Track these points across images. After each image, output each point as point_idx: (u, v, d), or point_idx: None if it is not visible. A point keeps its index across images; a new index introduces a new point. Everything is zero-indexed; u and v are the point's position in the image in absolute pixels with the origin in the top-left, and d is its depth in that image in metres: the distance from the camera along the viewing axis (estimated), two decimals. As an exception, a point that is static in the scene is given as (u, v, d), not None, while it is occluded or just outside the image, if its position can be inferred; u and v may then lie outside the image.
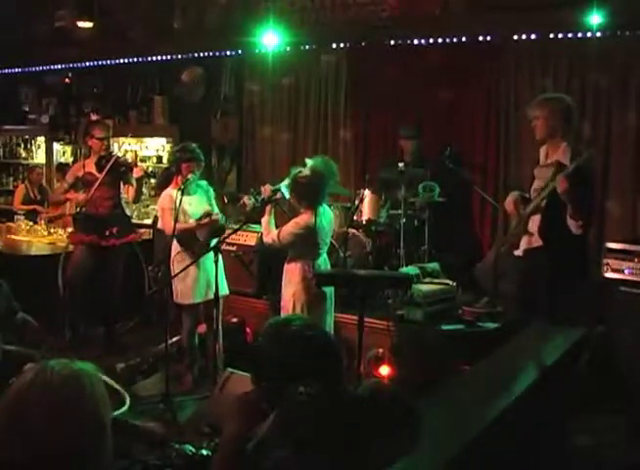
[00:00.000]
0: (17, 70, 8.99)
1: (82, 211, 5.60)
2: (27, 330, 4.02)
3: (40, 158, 8.94)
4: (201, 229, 4.76)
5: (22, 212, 7.67)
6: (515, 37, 5.74)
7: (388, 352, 4.65)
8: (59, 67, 8.59)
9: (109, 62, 7.97)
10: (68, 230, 6.41)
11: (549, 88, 5.52)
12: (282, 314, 4.19)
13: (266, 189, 4.54)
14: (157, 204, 5.33)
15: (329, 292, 4.39)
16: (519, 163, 5.80)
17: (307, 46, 6.83)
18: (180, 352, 5.02)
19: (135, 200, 5.82)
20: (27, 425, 1.36)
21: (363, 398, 1.95)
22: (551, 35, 5.58)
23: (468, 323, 4.71)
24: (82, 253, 5.61)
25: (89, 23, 7.17)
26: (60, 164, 8.44)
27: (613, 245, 4.60)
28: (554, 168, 3.92)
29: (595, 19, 5.10)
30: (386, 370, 4.57)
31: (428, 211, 5.50)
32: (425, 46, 6.15)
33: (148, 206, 7.57)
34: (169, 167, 5.22)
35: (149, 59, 7.71)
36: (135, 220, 6.93)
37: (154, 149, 7.86)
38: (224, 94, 7.44)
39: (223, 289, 4.76)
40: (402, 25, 6.13)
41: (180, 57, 7.49)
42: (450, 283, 4.99)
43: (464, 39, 5.92)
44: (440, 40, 6.03)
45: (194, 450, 2.50)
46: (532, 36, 5.67)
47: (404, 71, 6.27)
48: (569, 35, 5.50)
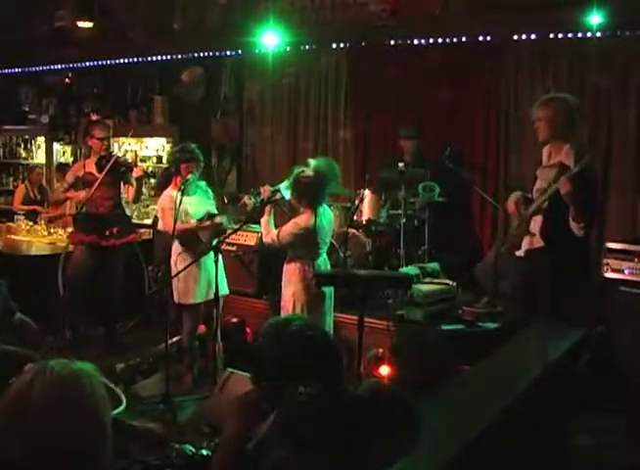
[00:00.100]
0: (17, 70, 8.99)
1: (83, 210, 5.60)
2: (26, 331, 4.02)
3: (40, 158, 8.94)
4: (203, 231, 4.76)
5: (22, 212, 7.66)
6: (515, 37, 5.74)
7: (388, 352, 4.64)
8: (59, 67, 8.60)
9: (109, 62, 7.97)
10: (68, 230, 6.41)
11: (549, 88, 5.52)
12: (282, 314, 4.19)
13: (266, 190, 4.55)
14: (157, 204, 5.33)
15: (329, 292, 4.39)
16: (519, 163, 5.80)
17: (307, 46, 6.83)
18: (180, 352, 5.02)
19: (135, 200, 5.83)
20: (27, 425, 1.36)
21: (363, 398, 1.95)
22: (551, 35, 5.58)
23: (468, 323, 4.71)
24: (82, 253, 5.61)
25: (89, 23, 7.18)
26: (60, 164, 8.43)
27: (613, 245, 4.60)
28: (557, 169, 3.91)
29: (595, 19, 5.11)
30: (386, 370, 4.57)
31: (428, 211, 5.50)
32: (425, 46, 6.15)
33: (148, 206, 7.57)
34: (169, 168, 5.22)
35: (149, 59, 7.72)
36: (135, 220, 6.93)
37: (154, 149, 7.86)
38: (224, 94, 7.44)
39: (223, 289, 4.76)
40: (402, 25, 6.13)
41: (180, 57, 7.49)
42: (450, 283, 4.99)
43: (464, 39, 5.93)
44: (440, 40, 6.03)
45: (194, 450, 2.50)
46: (532, 36, 5.67)
47: (404, 71, 6.27)
48: (569, 35, 5.50)
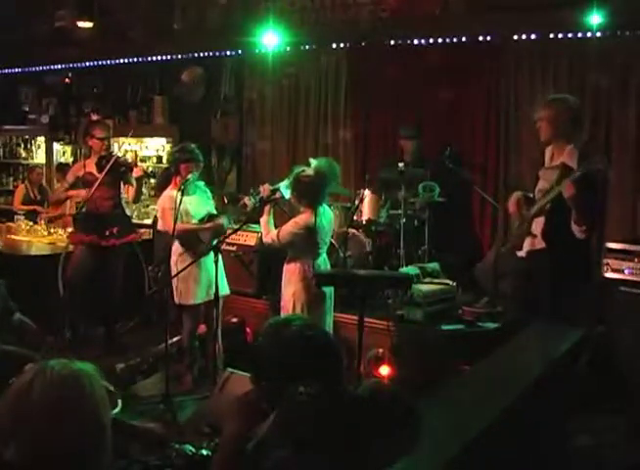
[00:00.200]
0: (17, 70, 8.99)
1: (83, 210, 5.60)
2: (25, 331, 4.02)
3: (40, 158, 8.94)
4: (204, 232, 4.76)
5: (22, 212, 7.66)
6: (515, 37, 5.74)
7: (388, 352, 4.64)
8: (59, 67, 8.59)
9: (109, 62, 7.97)
10: (68, 230, 6.41)
11: (549, 88, 5.52)
12: (282, 314, 4.19)
13: (265, 188, 4.55)
14: (157, 204, 5.33)
15: (329, 292, 4.39)
16: (519, 163, 5.81)
17: (307, 46, 6.83)
18: (180, 352, 5.02)
19: (135, 200, 5.83)
20: (27, 425, 1.36)
21: (363, 398, 1.95)
22: (551, 35, 5.58)
23: (468, 323, 4.71)
24: (82, 253, 5.61)
25: (89, 23, 7.18)
26: (60, 164, 8.43)
27: (613, 245, 4.59)
28: (559, 171, 3.91)
29: (595, 19, 5.11)
30: (386, 370, 4.57)
31: (428, 211, 5.50)
32: (425, 46, 6.15)
33: (148, 206, 7.57)
34: (169, 168, 5.22)
35: (149, 59, 7.72)
36: (135, 220, 6.93)
37: (154, 149, 7.86)
38: (224, 94, 7.44)
39: (224, 289, 4.76)
40: (402, 25, 6.13)
41: (180, 57, 7.49)
42: (450, 283, 4.99)
43: (464, 39, 5.93)
44: (440, 40, 6.03)
45: (194, 450, 2.50)
46: (532, 36, 5.67)
47: (404, 71, 6.26)
48: (569, 35, 5.50)
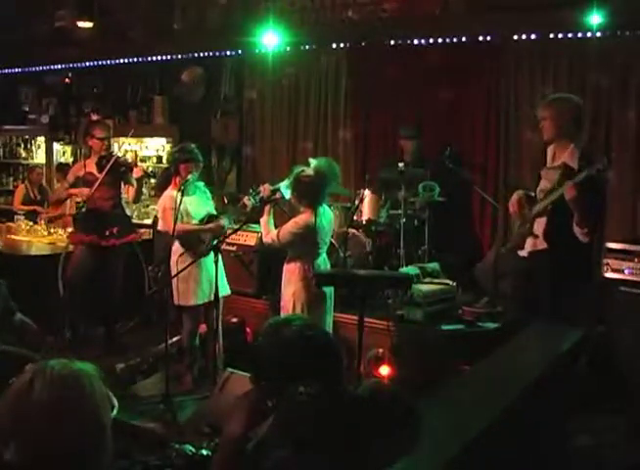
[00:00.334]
0: (17, 70, 8.98)
1: (83, 209, 5.60)
2: (26, 331, 4.02)
3: (40, 158, 8.94)
4: (205, 232, 4.76)
5: (22, 212, 7.66)
6: (515, 37, 5.74)
7: (388, 352, 4.64)
8: (59, 67, 8.59)
9: (109, 62, 7.97)
10: (68, 230, 6.41)
11: (549, 88, 5.52)
12: (282, 314, 4.18)
13: (265, 189, 4.55)
14: (157, 204, 5.33)
15: (329, 292, 4.39)
16: (519, 163, 5.81)
17: (307, 46, 6.83)
18: (180, 352, 5.02)
19: (135, 200, 5.83)
20: (27, 425, 1.36)
21: (363, 398, 1.95)
22: (551, 35, 5.58)
23: (468, 323, 4.71)
24: (82, 253, 5.61)
25: (89, 23, 7.18)
26: (60, 164, 8.43)
27: (613, 245, 4.59)
28: (561, 171, 3.91)
29: (595, 19, 5.11)
30: (386, 370, 4.57)
31: (428, 211, 5.49)
32: (425, 46, 6.14)
33: (148, 206, 7.57)
34: (168, 168, 5.22)
35: (149, 59, 7.71)
36: (135, 220, 6.94)
37: (154, 149, 7.86)
38: (224, 94, 7.44)
39: (224, 289, 4.76)
40: (402, 25, 6.13)
41: (180, 57, 7.49)
42: (450, 283, 4.99)
43: (464, 39, 5.92)
44: (440, 40, 6.03)
45: (194, 450, 2.51)
46: (532, 36, 5.67)
47: (404, 71, 6.26)
48: (569, 35, 5.50)
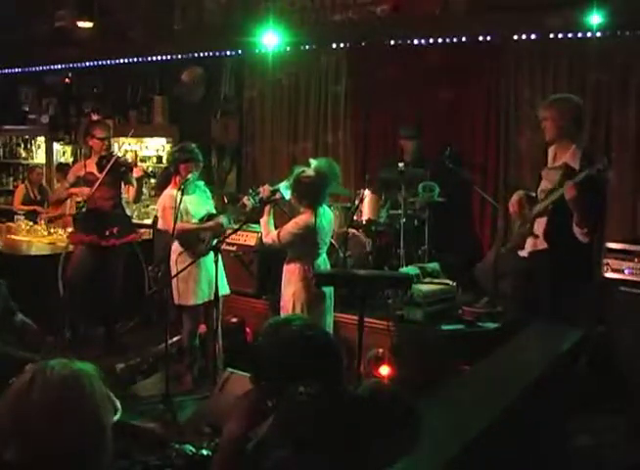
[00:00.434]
0: (17, 70, 8.98)
1: (83, 209, 5.60)
2: (26, 331, 4.02)
3: (40, 158, 8.94)
4: (204, 232, 4.77)
5: (22, 212, 7.66)
6: (515, 37, 5.74)
7: (388, 352, 4.64)
8: (59, 67, 8.59)
9: (109, 62, 7.97)
10: (68, 230, 6.41)
11: (549, 88, 5.52)
12: (282, 314, 4.18)
13: (265, 189, 4.55)
14: (157, 204, 5.33)
15: (329, 292, 4.39)
16: (519, 163, 5.81)
17: (307, 46, 6.83)
18: (180, 352, 5.02)
19: (135, 200, 5.83)
20: (27, 425, 1.36)
21: (363, 398, 1.95)
22: (551, 35, 5.57)
23: (468, 323, 4.71)
24: (82, 253, 5.61)
25: (89, 23, 7.19)
26: (60, 164, 8.43)
27: (613, 245, 4.59)
28: (561, 171, 3.91)
29: (595, 19, 5.10)
30: (386, 370, 4.57)
31: (428, 211, 5.49)
32: (425, 46, 6.14)
33: (148, 206, 7.57)
34: (168, 168, 5.22)
35: (149, 59, 7.71)
36: (135, 220, 6.94)
37: (154, 149, 7.86)
38: (224, 94, 7.44)
39: (224, 289, 4.76)
40: (402, 25, 6.13)
41: (180, 57, 7.49)
42: (450, 283, 4.99)
43: (464, 39, 5.92)
44: (440, 40, 6.02)
45: (194, 450, 2.51)
46: (532, 36, 5.66)
47: (404, 71, 6.26)
48: (569, 35, 5.50)
